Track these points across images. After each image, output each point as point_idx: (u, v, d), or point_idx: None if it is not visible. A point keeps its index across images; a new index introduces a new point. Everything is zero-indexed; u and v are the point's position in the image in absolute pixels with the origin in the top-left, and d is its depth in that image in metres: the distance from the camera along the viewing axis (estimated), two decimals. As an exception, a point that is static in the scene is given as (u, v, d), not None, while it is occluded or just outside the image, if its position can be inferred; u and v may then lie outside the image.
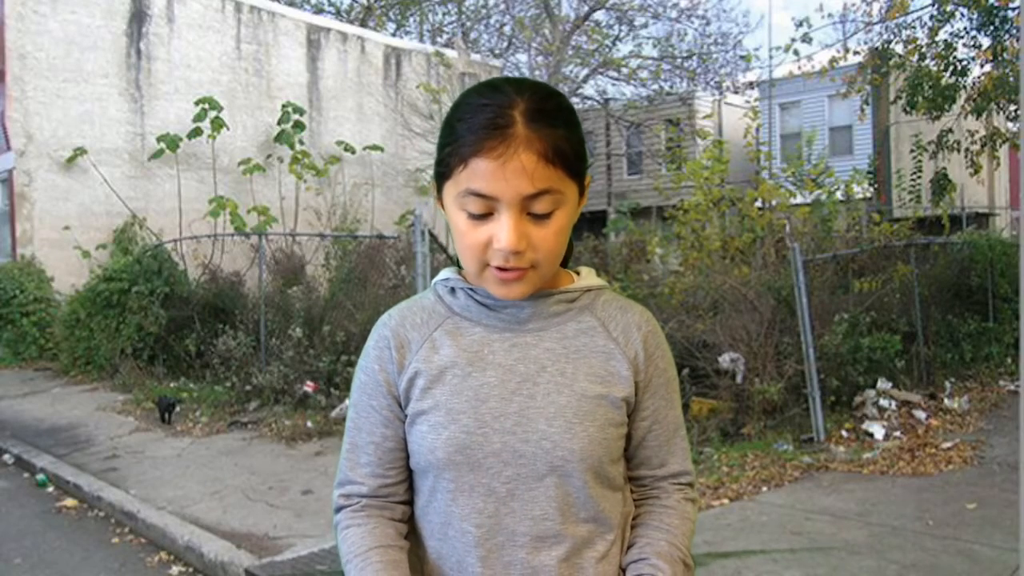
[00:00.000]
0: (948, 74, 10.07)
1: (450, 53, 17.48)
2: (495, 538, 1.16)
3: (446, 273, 1.25)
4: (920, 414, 6.79)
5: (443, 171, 1.14)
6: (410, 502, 1.25)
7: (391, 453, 1.23)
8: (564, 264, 1.26)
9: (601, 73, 18.41)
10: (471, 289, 1.21)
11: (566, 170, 1.11)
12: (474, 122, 1.09)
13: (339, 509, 1.25)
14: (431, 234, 6.77)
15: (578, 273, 1.27)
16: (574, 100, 18.86)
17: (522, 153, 1.07)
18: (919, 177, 12.06)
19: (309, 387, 7.78)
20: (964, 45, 10.22)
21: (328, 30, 16.63)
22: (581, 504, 1.17)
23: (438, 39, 22.56)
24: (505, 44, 21.30)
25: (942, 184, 11.20)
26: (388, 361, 1.22)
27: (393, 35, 21.74)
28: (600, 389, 1.18)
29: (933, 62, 10.21)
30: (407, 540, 1.24)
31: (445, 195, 1.15)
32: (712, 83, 18.80)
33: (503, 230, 1.09)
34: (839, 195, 9.96)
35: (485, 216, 1.10)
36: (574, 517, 1.16)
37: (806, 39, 11.06)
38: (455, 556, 1.18)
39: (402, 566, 1.18)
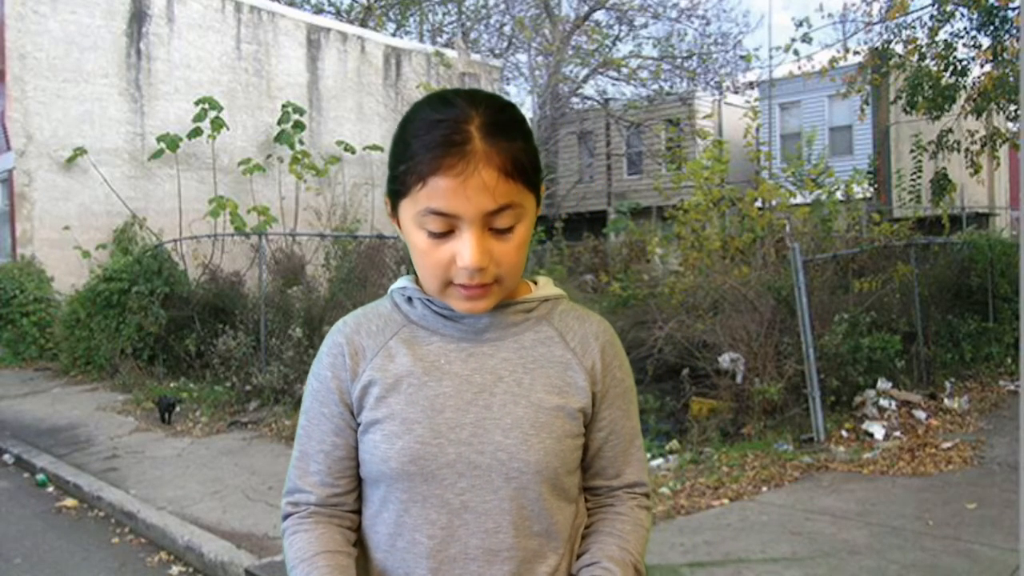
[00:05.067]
0: (948, 74, 10.06)
1: (450, 53, 17.48)
2: (447, 550, 1.14)
3: (403, 282, 1.23)
4: (920, 414, 6.79)
5: (399, 189, 1.11)
6: (359, 511, 1.23)
7: (341, 462, 1.21)
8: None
9: (601, 73, 18.41)
10: (428, 299, 1.19)
11: (525, 183, 1.09)
12: (429, 139, 1.06)
13: (287, 516, 1.24)
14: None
15: (535, 282, 1.25)
16: (574, 100, 18.88)
17: (482, 169, 1.05)
18: (919, 177, 12.05)
19: (309, 387, 7.77)
20: (964, 45, 10.22)
21: (328, 30, 16.63)
22: (535, 517, 1.15)
23: (438, 39, 22.56)
24: (505, 44, 21.30)
25: (942, 184, 11.19)
26: (341, 368, 1.20)
27: (393, 35, 21.74)
28: (557, 400, 1.17)
29: (933, 62, 10.20)
30: (355, 548, 1.22)
31: (401, 213, 1.13)
32: (712, 83, 18.81)
33: (466, 248, 1.07)
34: (839, 195, 9.93)
35: (446, 234, 1.08)
36: (527, 530, 1.15)
37: (806, 39, 11.05)
38: (403, 568, 1.16)
39: (349, 571, 1.16)
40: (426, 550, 1.14)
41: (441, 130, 1.06)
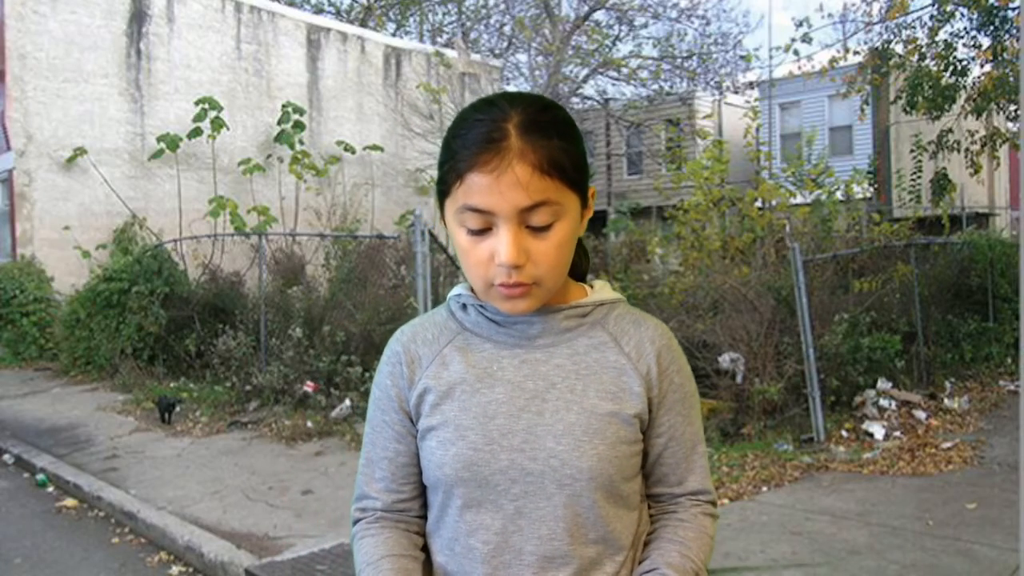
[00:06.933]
0: (948, 74, 10.07)
1: (450, 53, 17.48)
2: (501, 556, 1.15)
3: (459, 289, 1.25)
4: (920, 414, 6.79)
5: (443, 189, 1.13)
6: (426, 517, 1.26)
7: (404, 468, 1.24)
8: (582, 278, 1.25)
9: (601, 73, 18.38)
10: (481, 305, 1.20)
11: (563, 181, 1.09)
12: (469, 137, 1.09)
13: (356, 522, 1.27)
14: (431, 234, 6.77)
15: (592, 286, 1.26)
16: (574, 100, 18.86)
17: (516, 165, 1.06)
18: (919, 177, 12.06)
19: (309, 387, 7.78)
20: (964, 45, 10.23)
21: (328, 30, 16.63)
22: (591, 524, 1.15)
23: (438, 39, 22.56)
24: (505, 44, 21.28)
25: (942, 184, 11.20)
26: (399, 377, 1.23)
27: (393, 35, 21.74)
28: (611, 406, 1.16)
29: (933, 62, 10.21)
30: (422, 553, 1.24)
31: (447, 213, 1.15)
32: (712, 83, 18.77)
33: (502, 244, 1.08)
34: (839, 195, 9.94)
35: (485, 232, 1.10)
36: (583, 538, 1.15)
37: (806, 39, 11.06)
38: (461, 573, 1.18)
39: (414, 575, 1.18)
40: (481, 555, 1.15)
41: (480, 128, 1.09)
